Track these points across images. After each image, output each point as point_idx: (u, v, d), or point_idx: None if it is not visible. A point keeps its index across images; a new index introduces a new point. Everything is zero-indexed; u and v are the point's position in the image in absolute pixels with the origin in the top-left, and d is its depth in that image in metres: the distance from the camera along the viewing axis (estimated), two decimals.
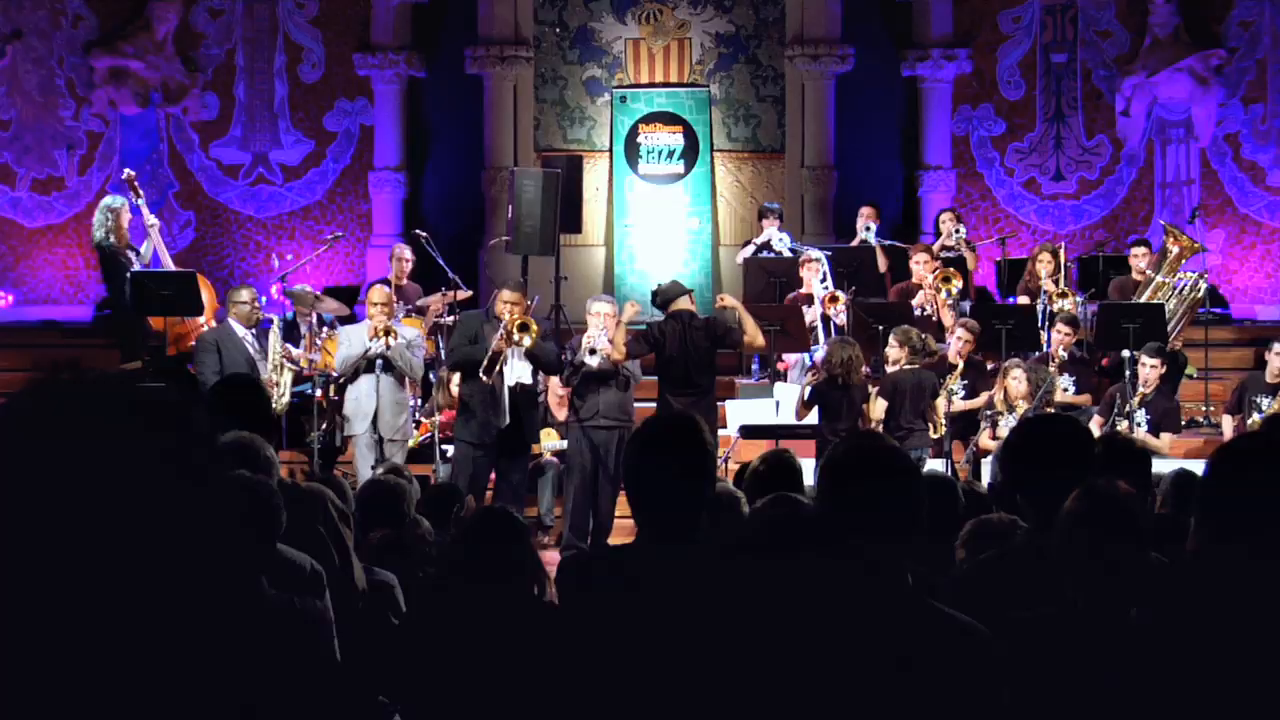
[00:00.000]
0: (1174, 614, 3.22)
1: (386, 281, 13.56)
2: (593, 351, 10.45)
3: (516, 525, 4.11)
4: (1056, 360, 11.49)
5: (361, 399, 10.89)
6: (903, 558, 2.98)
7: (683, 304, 10.54)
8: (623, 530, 10.70)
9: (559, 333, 13.08)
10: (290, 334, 12.78)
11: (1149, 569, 3.53)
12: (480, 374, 10.18)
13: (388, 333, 10.74)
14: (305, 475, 10.83)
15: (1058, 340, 11.72)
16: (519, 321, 10.17)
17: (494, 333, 10.23)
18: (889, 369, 10.89)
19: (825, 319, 12.88)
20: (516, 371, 10.35)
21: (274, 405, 10.81)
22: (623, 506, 11.06)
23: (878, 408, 10.67)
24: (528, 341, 10.19)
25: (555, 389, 11.74)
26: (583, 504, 10.55)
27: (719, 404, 12.07)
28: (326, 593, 4.17)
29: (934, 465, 10.39)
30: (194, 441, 1.60)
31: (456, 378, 10.92)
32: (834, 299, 12.78)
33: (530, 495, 11.70)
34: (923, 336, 11.03)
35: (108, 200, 13.18)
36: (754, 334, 10.74)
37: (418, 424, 11.79)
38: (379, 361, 10.83)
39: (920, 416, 10.70)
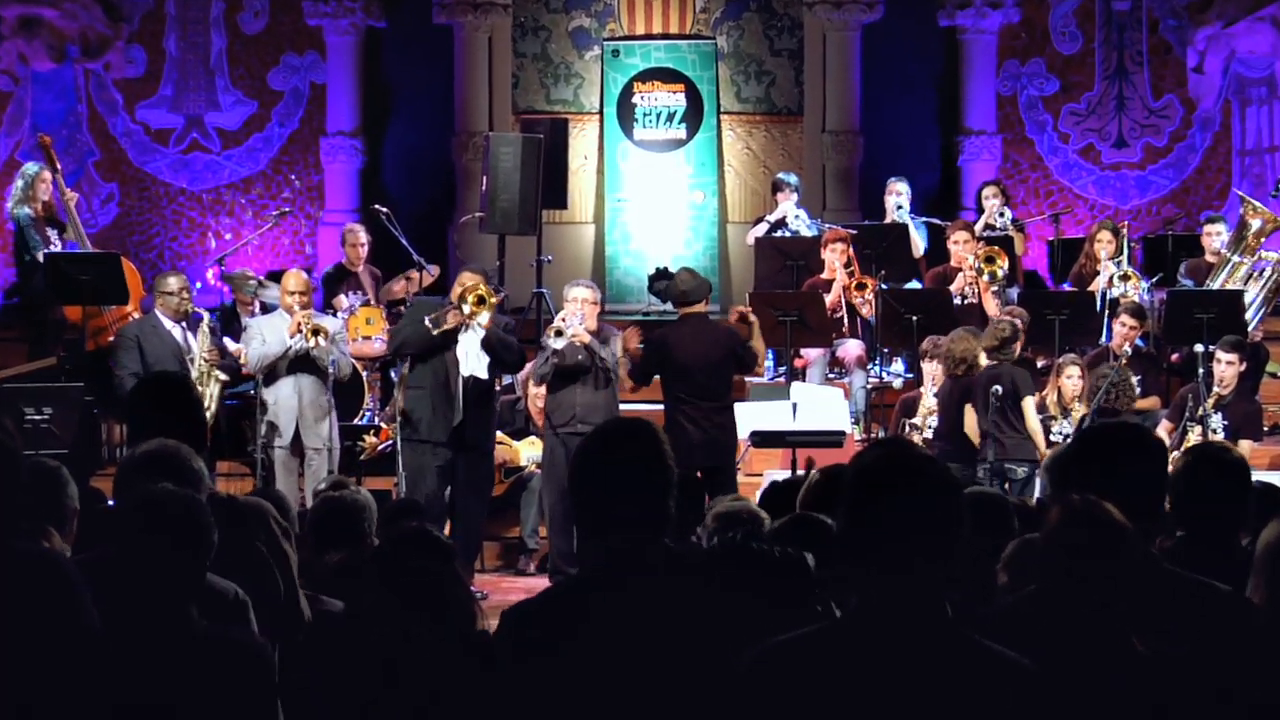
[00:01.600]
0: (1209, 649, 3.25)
1: (343, 269, 13.55)
2: (559, 334, 10.38)
3: (438, 546, 4.09)
4: (1124, 359, 11.46)
5: (282, 403, 10.88)
6: (939, 585, 2.97)
7: (700, 308, 10.48)
8: None
9: (540, 324, 13.02)
10: (229, 325, 12.74)
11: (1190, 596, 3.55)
12: (426, 321, 10.15)
13: (316, 331, 10.71)
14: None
15: (1120, 334, 11.69)
16: (477, 293, 10.11)
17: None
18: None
19: (850, 308, 12.85)
20: (471, 362, 10.31)
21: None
22: None
23: (968, 419, 10.75)
24: (485, 317, 10.13)
25: (535, 399, 11.72)
26: (564, 523, 10.52)
27: None
28: (253, 623, 4.15)
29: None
30: None
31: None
32: (860, 285, 12.76)
33: (514, 511, 11.68)
34: (1014, 324, 11.00)
35: (27, 166, 13.16)
36: (761, 359, 10.81)
37: (378, 430, 11.77)
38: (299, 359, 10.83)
39: (1001, 422, 10.63)
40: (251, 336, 11.01)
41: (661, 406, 12.89)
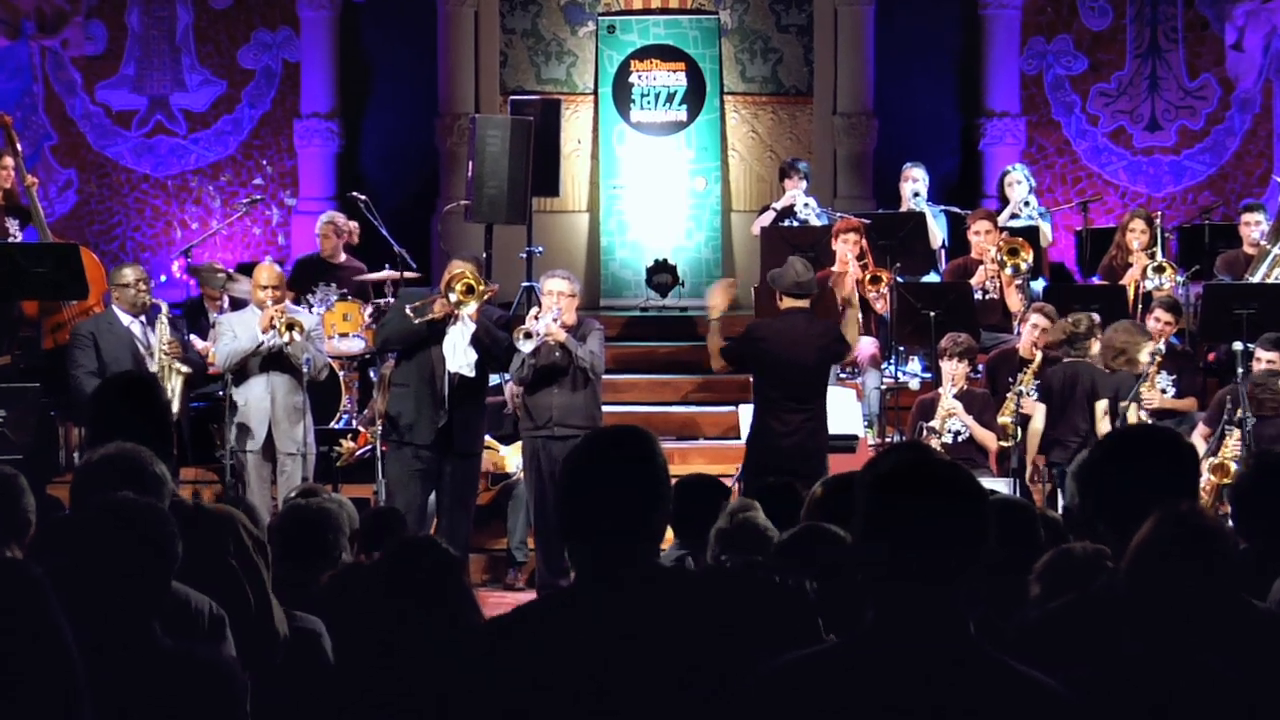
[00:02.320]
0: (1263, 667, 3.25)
1: (320, 260, 13.51)
2: (528, 335, 10.36)
3: (442, 557, 4.07)
4: (1157, 356, 11.46)
5: (254, 404, 10.89)
6: (962, 599, 2.97)
7: (806, 303, 10.43)
8: None
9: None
10: (195, 321, 12.73)
11: (1236, 615, 3.56)
12: (408, 310, 10.12)
13: (291, 326, 10.69)
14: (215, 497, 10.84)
15: (1155, 330, 11.68)
16: (465, 281, 10.09)
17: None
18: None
19: (863, 303, 12.84)
20: (458, 358, 10.28)
21: None
22: None
23: (1037, 415, 10.78)
24: (472, 307, 10.11)
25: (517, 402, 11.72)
26: (550, 533, 10.53)
27: (734, 407, 12.04)
28: (230, 640, 4.14)
29: (999, 485, 10.38)
30: None
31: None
32: (874, 278, 12.74)
33: (500, 521, 11.67)
34: (1092, 319, 11.04)
35: None
36: (853, 349, 10.79)
37: (356, 434, 11.77)
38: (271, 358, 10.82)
39: (1083, 424, 10.69)
40: (222, 332, 11.00)
41: (651, 409, 12.95)
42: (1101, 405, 10.76)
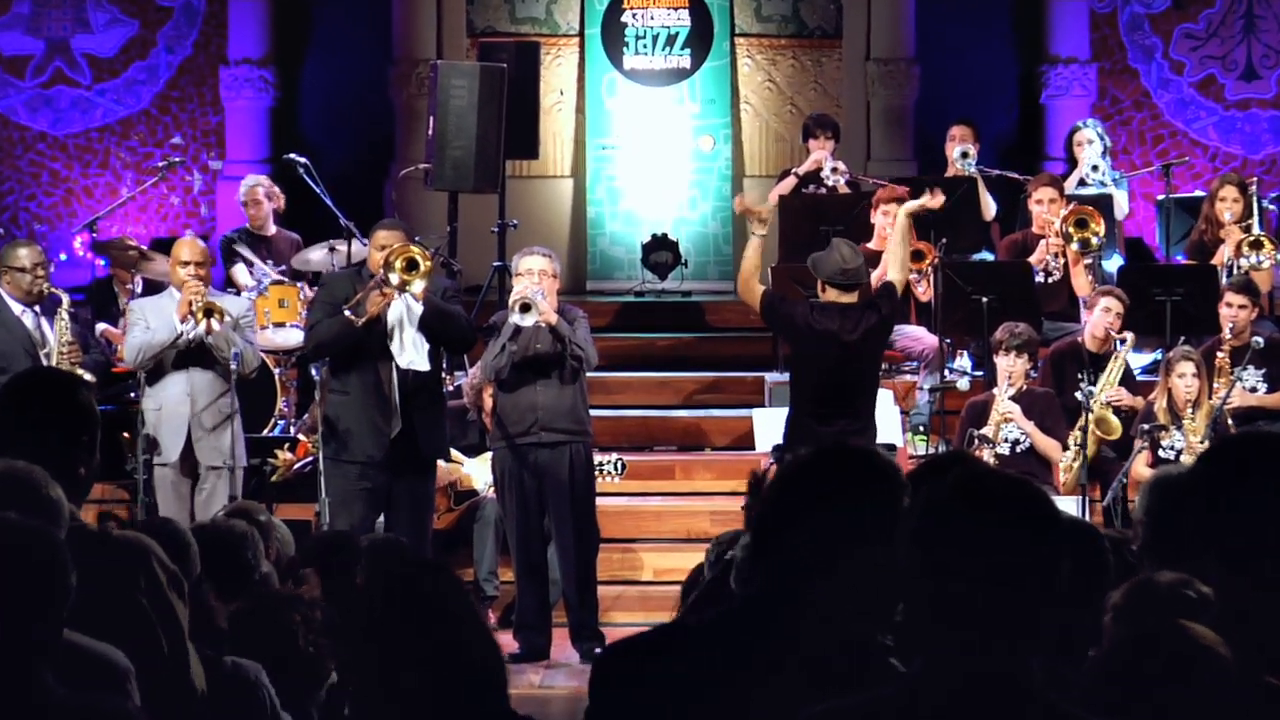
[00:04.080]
0: None
1: (249, 234, 13.49)
2: (525, 308, 10.26)
3: (451, 584, 4.00)
4: (1227, 348, 11.48)
5: (169, 408, 10.84)
6: (1027, 642, 2.97)
7: (854, 297, 10.39)
8: (609, 600, 10.67)
9: (501, 306, 13.01)
10: (104, 308, 12.72)
11: None
12: (346, 312, 9.98)
13: (210, 313, 10.61)
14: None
15: (1226, 317, 11.67)
16: (405, 256, 9.94)
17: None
18: None
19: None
20: (409, 352, 10.17)
21: None
22: (607, 567, 11.01)
23: None
24: (418, 286, 9.95)
25: (489, 399, 11.67)
26: (530, 561, 10.50)
27: (747, 411, 12.02)
28: (135, 695, 4.09)
29: (1066, 504, 10.37)
30: None
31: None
32: (916, 255, 12.71)
33: (466, 548, 11.65)
34: None
35: None
36: (900, 283, 10.74)
37: (294, 444, 11.75)
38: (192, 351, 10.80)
39: None
40: (134, 321, 10.96)
41: (647, 412, 12.92)
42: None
